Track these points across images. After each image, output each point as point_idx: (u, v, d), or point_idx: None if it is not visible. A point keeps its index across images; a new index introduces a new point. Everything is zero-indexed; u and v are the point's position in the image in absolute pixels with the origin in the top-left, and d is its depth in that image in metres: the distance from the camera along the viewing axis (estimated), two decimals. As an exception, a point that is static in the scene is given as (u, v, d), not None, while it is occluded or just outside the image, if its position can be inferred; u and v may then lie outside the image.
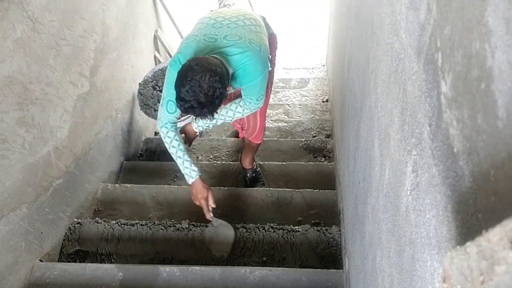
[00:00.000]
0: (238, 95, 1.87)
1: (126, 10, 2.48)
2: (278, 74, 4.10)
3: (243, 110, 1.81)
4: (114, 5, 2.31)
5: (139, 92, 2.60)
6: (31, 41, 1.57)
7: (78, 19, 1.91)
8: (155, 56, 3.08)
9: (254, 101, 1.75)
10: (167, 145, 1.76)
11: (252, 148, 2.28)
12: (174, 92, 1.50)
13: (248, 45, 1.59)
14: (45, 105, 1.70)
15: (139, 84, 2.63)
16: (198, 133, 1.99)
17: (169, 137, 1.74)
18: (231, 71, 1.57)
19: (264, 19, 1.92)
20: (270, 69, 1.72)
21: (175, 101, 1.53)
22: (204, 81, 1.40)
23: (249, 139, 2.19)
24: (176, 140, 1.75)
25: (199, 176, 1.80)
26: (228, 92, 1.62)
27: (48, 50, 1.69)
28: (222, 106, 1.80)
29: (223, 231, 1.93)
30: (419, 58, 0.60)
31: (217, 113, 1.67)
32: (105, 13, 2.20)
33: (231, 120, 1.89)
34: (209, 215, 1.85)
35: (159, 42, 3.12)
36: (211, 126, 1.91)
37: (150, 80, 2.63)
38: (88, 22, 2.01)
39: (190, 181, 1.80)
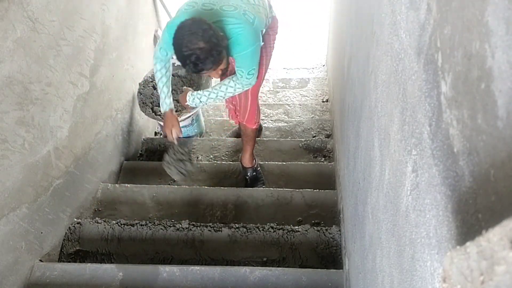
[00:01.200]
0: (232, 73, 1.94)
1: (126, 10, 2.48)
2: (278, 74, 4.10)
3: (235, 85, 1.87)
4: (114, 5, 2.31)
5: (139, 92, 2.60)
6: (31, 41, 1.57)
7: (78, 19, 1.91)
8: (155, 56, 3.08)
9: (245, 75, 1.81)
10: (156, 78, 1.93)
11: (248, 137, 2.28)
12: (168, 42, 1.64)
13: (242, 16, 1.69)
14: (45, 105, 1.70)
15: (139, 84, 2.63)
16: (189, 107, 2.06)
17: (156, 69, 1.91)
18: (225, 41, 1.66)
19: (269, 0, 1.96)
20: (262, 43, 1.80)
21: (166, 48, 1.74)
22: (194, 27, 1.53)
23: (244, 123, 2.19)
24: (160, 71, 1.90)
25: (170, 109, 1.95)
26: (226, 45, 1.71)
27: (48, 50, 1.69)
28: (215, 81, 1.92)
29: (179, 162, 2.08)
30: (419, 58, 0.60)
31: (222, 63, 1.73)
32: (105, 13, 2.20)
33: (223, 98, 1.97)
34: (172, 139, 1.99)
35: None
36: (204, 100, 1.97)
37: (150, 80, 2.63)
38: (88, 22, 2.01)
39: (162, 111, 1.98)
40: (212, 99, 1.95)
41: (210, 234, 1.93)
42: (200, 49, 1.52)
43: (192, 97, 1.96)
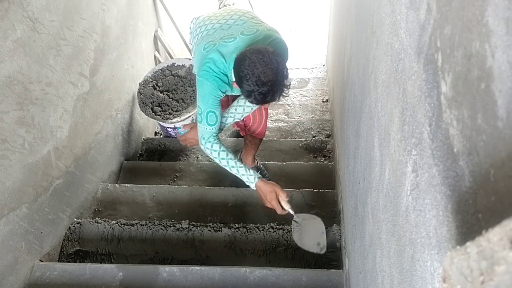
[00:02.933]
0: (234, 98, 1.88)
1: (126, 10, 2.48)
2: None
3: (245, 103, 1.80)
4: (114, 5, 2.31)
5: (139, 92, 2.60)
6: (31, 41, 1.57)
7: (78, 19, 1.91)
8: (155, 56, 3.08)
9: None
10: (216, 160, 1.71)
11: (255, 144, 2.28)
12: (214, 102, 1.50)
13: (268, 32, 1.62)
14: (45, 105, 1.70)
15: (139, 84, 2.63)
16: None
17: (215, 150, 1.69)
18: None
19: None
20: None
21: (213, 109, 1.54)
22: (268, 58, 1.39)
23: (253, 135, 2.19)
24: (223, 151, 1.69)
25: (259, 177, 1.69)
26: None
27: (48, 50, 1.69)
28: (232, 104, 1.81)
29: (309, 224, 1.73)
30: (419, 58, 0.60)
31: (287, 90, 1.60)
32: (105, 13, 2.20)
33: (241, 118, 1.87)
34: (284, 212, 1.68)
35: (159, 42, 3.12)
36: (231, 121, 1.88)
37: (150, 80, 2.63)
38: (88, 22, 2.01)
39: (252, 186, 1.69)
40: (238, 118, 1.87)
41: (210, 234, 1.93)
42: (273, 82, 1.40)
43: None
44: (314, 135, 2.93)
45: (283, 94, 1.49)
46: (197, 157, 2.69)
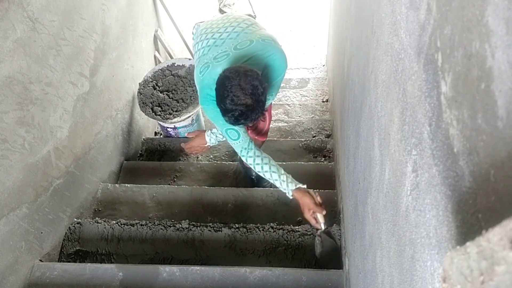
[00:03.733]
0: None
1: (126, 10, 2.48)
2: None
3: None
4: (114, 5, 2.31)
5: (139, 92, 2.60)
6: (31, 41, 1.57)
7: (78, 19, 1.91)
8: (155, 56, 3.08)
9: (274, 96, 1.74)
10: (260, 173, 1.69)
11: (256, 146, 2.27)
12: (225, 121, 1.49)
13: (263, 43, 1.60)
14: (45, 105, 1.70)
15: (139, 84, 2.63)
16: (209, 146, 1.97)
17: (258, 164, 1.67)
18: (259, 72, 1.54)
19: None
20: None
21: (231, 126, 1.53)
22: (244, 82, 1.38)
23: (256, 137, 2.19)
24: (266, 164, 1.67)
25: (297, 187, 1.68)
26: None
27: (48, 50, 1.69)
28: None
29: (328, 242, 1.79)
30: (419, 58, 0.60)
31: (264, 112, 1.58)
32: (105, 13, 2.20)
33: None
34: (317, 225, 1.68)
35: (159, 42, 3.12)
36: (221, 138, 1.89)
37: (150, 80, 2.63)
38: (88, 22, 2.01)
39: (290, 195, 1.68)
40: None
41: (210, 234, 1.93)
42: (247, 106, 1.40)
43: (209, 137, 1.91)
44: (314, 135, 2.93)
45: (258, 117, 1.49)
46: (197, 157, 2.69)
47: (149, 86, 2.60)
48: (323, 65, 4.33)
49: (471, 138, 0.42)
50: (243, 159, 1.69)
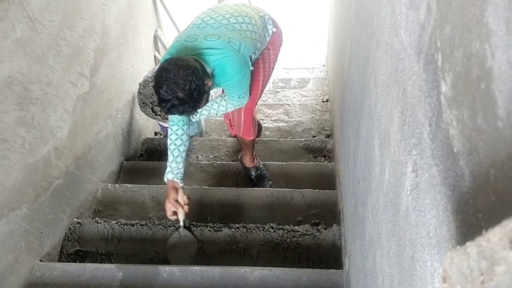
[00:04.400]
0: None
1: (126, 10, 2.48)
2: (278, 74, 4.10)
3: (227, 104, 1.87)
4: (114, 5, 2.31)
5: (139, 92, 2.60)
6: (31, 41, 1.57)
7: (78, 19, 1.91)
8: (155, 56, 3.08)
9: (236, 99, 1.80)
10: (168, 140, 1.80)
11: (246, 145, 2.29)
12: (160, 108, 1.58)
13: (226, 45, 1.63)
14: (45, 105, 1.70)
15: (139, 84, 2.63)
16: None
17: (169, 135, 1.79)
18: (209, 70, 1.60)
19: (263, 16, 1.91)
20: (251, 68, 1.76)
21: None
22: (178, 77, 1.44)
23: (240, 135, 2.20)
24: (170, 139, 1.78)
25: (174, 179, 1.77)
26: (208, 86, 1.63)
27: (48, 50, 1.69)
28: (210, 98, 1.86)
29: (186, 241, 1.88)
30: (419, 58, 0.60)
31: (199, 108, 1.67)
32: (105, 13, 2.20)
33: (216, 114, 1.95)
34: (173, 217, 1.81)
35: (159, 42, 3.12)
36: (198, 117, 1.95)
37: (150, 80, 2.63)
38: (88, 22, 2.01)
39: (164, 179, 1.80)
40: (205, 116, 1.96)
41: (210, 234, 1.93)
42: (178, 99, 1.47)
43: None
44: (314, 135, 2.93)
45: (190, 112, 1.56)
46: (197, 157, 2.69)
47: (149, 86, 2.60)
48: (323, 65, 4.33)
49: (471, 138, 0.42)
50: (170, 127, 1.76)
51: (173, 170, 1.76)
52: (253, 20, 1.80)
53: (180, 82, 1.44)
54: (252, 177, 2.39)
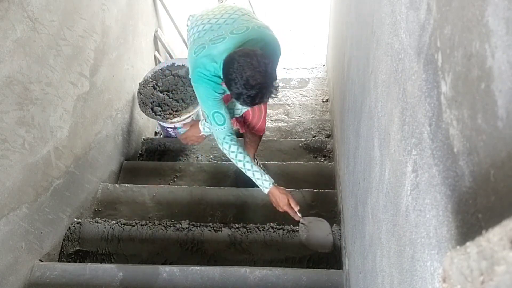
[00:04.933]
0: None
1: (126, 10, 2.48)
2: (278, 74, 4.10)
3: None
4: (114, 5, 2.31)
5: (139, 92, 2.60)
6: (31, 41, 1.57)
7: (78, 19, 1.91)
8: (155, 56, 3.08)
9: None
10: (233, 160, 1.75)
11: (254, 142, 2.29)
12: (214, 103, 1.55)
13: (258, 29, 1.64)
14: (45, 105, 1.70)
15: (139, 84, 2.63)
16: (204, 135, 2.01)
17: (233, 151, 1.73)
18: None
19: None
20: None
21: (217, 109, 1.59)
22: (256, 62, 1.41)
23: (253, 131, 2.20)
24: (241, 153, 1.73)
25: (274, 183, 1.76)
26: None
27: (48, 50, 1.69)
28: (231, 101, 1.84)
29: (316, 226, 1.91)
30: (419, 58, 0.60)
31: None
32: (105, 13, 2.20)
33: (240, 113, 1.94)
34: (297, 217, 1.82)
35: (159, 42, 3.12)
36: (238, 113, 1.94)
37: (150, 80, 2.63)
38: (88, 22, 2.01)
39: (265, 191, 1.77)
40: (239, 112, 1.95)
41: (210, 234, 1.93)
42: (261, 85, 1.43)
43: (202, 127, 1.96)
44: (314, 135, 2.93)
45: (272, 95, 1.52)
46: (197, 157, 2.69)
47: (149, 86, 2.60)
48: (323, 65, 4.33)
49: (471, 138, 0.42)
50: (224, 147, 1.73)
51: (268, 179, 1.76)
52: (245, 10, 1.83)
53: (259, 66, 1.41)
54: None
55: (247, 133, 2.25)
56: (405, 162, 0.68)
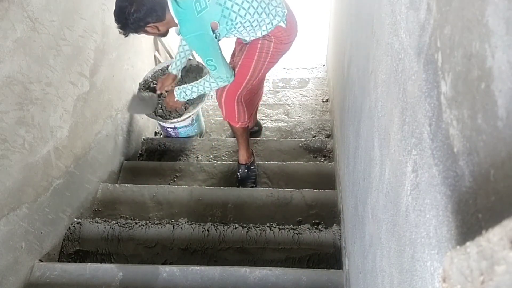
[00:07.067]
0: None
1: (126, 10, 2.47)
2: (278, 74, 4.10)
3: (210, 79, 2.00)
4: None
5: (139, 91, 2.60)
6: (31, 41, 1.57)
7: (78, 19, 1.91)
8: (155, 56, 3.08)
9: (206, 64, 1.92)
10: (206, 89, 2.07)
11: (236, 134, 2.33)
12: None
13: (189, 4, 1.78)
14: (45, 105, 1.70)
15: (139, 84, 2.63)
16: (180, 102, 2.22)
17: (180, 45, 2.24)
18: (175, 18, 1.83)
19: (276, 7, 1.94)
20: (213, 34, 1.85)
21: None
22: (117, 4, 1.79)
23: (226, 119, 2.25)
24: (181, 48, 2.26)
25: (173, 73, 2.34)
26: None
27: (48, 50, 1.69)
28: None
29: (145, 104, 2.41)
30: (419, 58, 0.60)
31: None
32: (105, 13, 2.20)
33: (203, 91, 2.11)
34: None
35: (159, 42, 3.12)
36: (189, 94, 2.13)
37: (150, 80, 2.63)
38: (88, 22, 2.01)
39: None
40: (196, 93, 2.11)
41: (210, 234, 1.93)
42: (117, 19, 1.82)
43: (178, 91, 2.14)
44: (314, 135, 2.93)
45: (129, 31, 1.88)
46: (197, 157, 2.69)
47: (149, 86, 2.60)
48: (323, 65, 4.33)
49: (471, 138, 0.42)
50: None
51: (177, 67, 2.32)
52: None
53: (116, 8, 1.80)
54: (238, 174, 2.38)
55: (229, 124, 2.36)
56: (405, 162, 0.68)
